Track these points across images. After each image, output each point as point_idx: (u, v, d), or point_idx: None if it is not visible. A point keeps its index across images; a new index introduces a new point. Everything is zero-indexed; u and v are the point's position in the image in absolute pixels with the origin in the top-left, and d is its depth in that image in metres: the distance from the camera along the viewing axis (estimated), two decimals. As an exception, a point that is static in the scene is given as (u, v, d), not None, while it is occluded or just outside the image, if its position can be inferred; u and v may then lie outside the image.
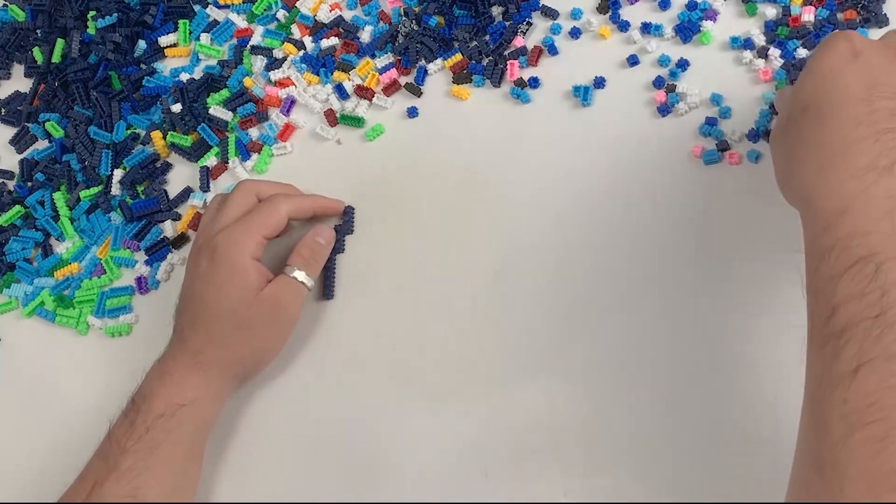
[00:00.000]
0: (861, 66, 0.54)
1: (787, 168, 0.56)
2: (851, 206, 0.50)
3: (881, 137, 0.51)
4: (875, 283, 0.48)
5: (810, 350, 0.51)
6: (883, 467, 0.45)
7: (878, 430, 0.45)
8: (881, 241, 0.49)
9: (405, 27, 0.81)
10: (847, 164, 0.51)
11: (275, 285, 0.70)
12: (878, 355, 0.47)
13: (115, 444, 0.66)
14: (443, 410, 0.69)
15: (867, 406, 0.46)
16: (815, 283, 0.51)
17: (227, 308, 0.69)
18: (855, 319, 0.48)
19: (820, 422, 0.48)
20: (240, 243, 0.70)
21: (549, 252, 0.71)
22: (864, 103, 0.53)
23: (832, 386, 0.47)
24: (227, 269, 0.69)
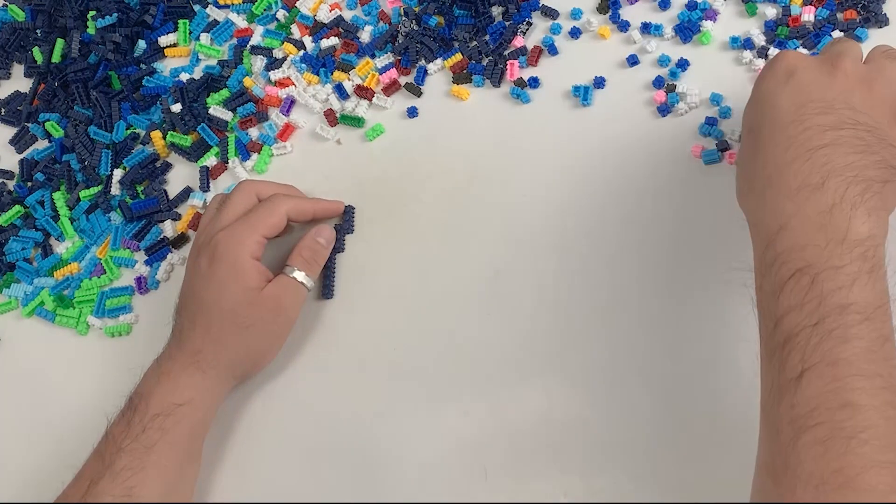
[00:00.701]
0: (794, 85, 0.56)
1: (741, 188, 0.58)
2: (788, 224, 0.52)
3: (812, 156, 0.53)
4: (812, 293, 0.50)
5: (762, 362, 0.52)
6: (828, 467, 0.46)
7: (822, 432, 0.47)
8: (816, 253, 0.50)
9: (405, 27, 0.81)
10: (782, 185, 0.53)
11: (275, 285, 0.70)
12: (820, 361, 0.48)
13: (111, 444, 0.66)
14: (443, 410, 0.69)
15: (811, 410, 0.48)
16: (761, 297, 0.53)
17: (228, 307, 0.69)
18: (796, 329, 0.50)
19: (772, 428, 0.50)
20: (240, 242, 0.70)
21: (549, 251, 0.71)
22: (795, 124, 0.54)
23: (780, 393, 0.49)
24: (228, 268, 0.69)
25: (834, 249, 0.50)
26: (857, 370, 0.48)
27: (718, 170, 0.70)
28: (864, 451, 0.46)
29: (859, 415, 0.47)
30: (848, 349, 0.48)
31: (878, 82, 0.57)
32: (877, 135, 0.54)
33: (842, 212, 0.51)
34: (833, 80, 0.56)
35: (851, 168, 0.52)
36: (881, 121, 0.55)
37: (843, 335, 0.49)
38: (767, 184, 0.54)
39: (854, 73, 0.57)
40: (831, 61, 0.57)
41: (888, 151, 0.54)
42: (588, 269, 0.70)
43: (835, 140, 0.53)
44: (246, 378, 0.72)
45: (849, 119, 0.54)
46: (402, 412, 0.70)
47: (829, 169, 0.52)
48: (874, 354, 0.49)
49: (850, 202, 0.51)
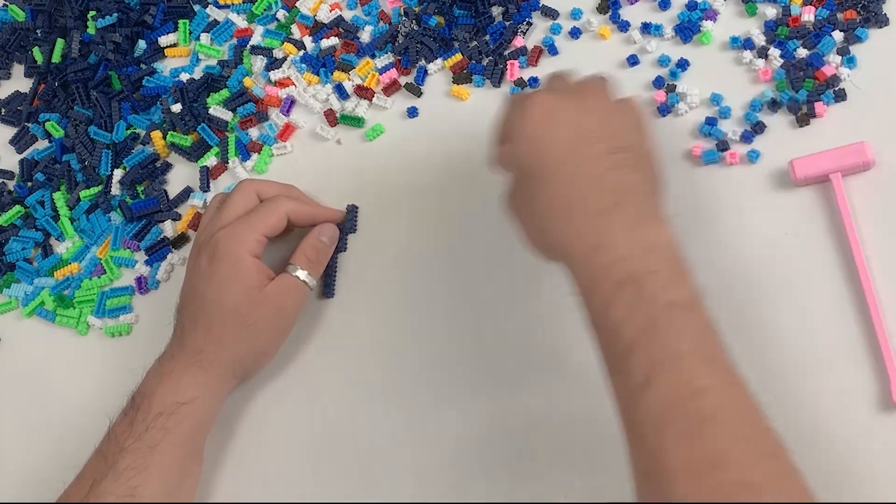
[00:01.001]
0: (559, 125, 0.59)
1: (535, 229, 0.60)
2: (600, 243, 0.55)
3: (600, 182, 0.57)
4: (640, 299, 0.53)
5: (609, 378, 0.55)
6: (696, 453, 0.49)
7: (683, 424, 0.50)
8: (634, 263, 0.54)
9: (405, 27, 0.81)
10: (582, 212, 0.56)
11: (277, 284, 0.70)
12: (663, 358, 0.51)
13: (113, 443, 0.66)
14: (443, 410, 0.69)
15: (667, 406, 0.50)
16: (592, 316, 0.55)
17: (229, 306, 0.69)
18: (634, 335, 0.52)
19: (635, 434, 0.52)
20: (240, 241, 0.70)
21: (549, 252, 0.71)
22: (573, 157, 0.58)
23: (635, 398, 0.52)
24: (228, 266, 0.69)
25: (648, 257, 0.54)
26: (697, 359, 0.52)
27: (718, 170, 0.70)
28: (723, 430, 0.50)
29: (710, 398, 0.50)
30: (684, 342, 0.52)
31: (617, 106, 0.62)
32: (637, 154, 0.60)
33: (643, 224, 0.56)
34: (589, 109, 0.61)
35: (634, 186, 0.57)
36: (635, 140, 0.61)
37: (677, 329, 0.52)
38: (568, 214, 0.57)
39: (598, 100, 0.62)
40: (580, 94, 0.62)
41: (649, 168, 0.60)
42: (588, 269, 0.70)
43: (613, 165, 0.58)
44: (247, 377, 0.72)
45: (615, 145, 0.59)
46: (403, 412, 0.70)
47: (619, 190, 0.57)
48: (706, 341, 0.53)
49: (647, 214, 0.56)
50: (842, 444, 0.61)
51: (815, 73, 0.70)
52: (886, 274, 0.64)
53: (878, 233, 0.65)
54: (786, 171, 0.68)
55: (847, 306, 0.64)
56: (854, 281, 0.64)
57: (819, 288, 0.65)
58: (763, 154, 0.69)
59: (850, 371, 0.62)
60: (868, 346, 0.63)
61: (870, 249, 0.65)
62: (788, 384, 0.63)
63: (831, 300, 0.64)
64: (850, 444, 0.61)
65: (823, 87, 0.70)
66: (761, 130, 0.70)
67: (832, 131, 0.69)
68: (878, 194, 0.66)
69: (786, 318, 0.65)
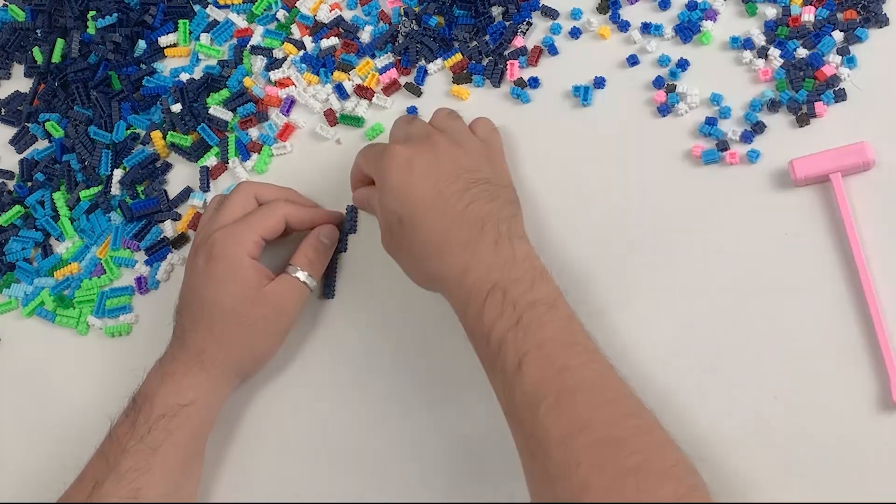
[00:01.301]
0: (418, 171, 0.66)
1: (414, 266, 0.67)
2: (469, 265, 0.62)
3: (463, 216, 0.64)
4: (506, 301, 0.60)
5: (489, 378, 0.61)
6: (567, 422, 0.56)
7: (552, 399, 0.56)
8: (498, 273, 0.62)
9: (405, 27, 0.81)
10: (452, 245, 0.63)
11: (277, 284, 0.70)
12: (530, 347, 0.58)
13: (115, 444, 0.66)
14: (443, 409, 0.69)
15: (537, 386, 0.57)
16: (468, 327, 0.63)
17: (229, 306, 0.69)
18: (503, 333, 0.59)
19: (516, 422, 0.58)
20: (237, 241, 0.70)
21: (549, 251, 0.71)
22: (437, 199, 0.65)
23: (511, 388, 0.58)
24: (225, 266, 0.69)
25: (510, 267, 0.62)
26: (560, 343, 0.59)
27: (718, 170, 0.70)
28: (586, 398, 0.57)
29: (575, 373, 0.58)
30: (547, 331, 0.59)
31: (462, 140, 0.69)
32: (491, 182, 0.67)
33: (504, 242, 0.63)
34: (440, 154, 0.67)
35: (492, 213, 0.64)
36: (484, 169, 0.68)
37: (540, 322, 0.59)
38: (439, 250, 0.64)
39: (446, 142, 0.68)
40: (429, 142, 0.68)
41: (504, 192, 0.67)
42: (587, 269, 0.70)
43: (472, 199, 0.65)
44: (248, 377, 0.72)
45: (470, 179, 0.66)
46: (403, 411, 0.70)
47: (480, 219, 0.64)
48: (567, 329, 0.60)
49: (506, 235, 0.63)
50: (842, 444, 0.61)
51: (815, 73, 0.70)
52: (886, 274, 0.64)
53: (878, 233, 0.65)
54: (786, 171, 0.68)
55: (847, 306, 0.64)
56: (854, 281, 0.64)
57: (819, 288, 0.65)
58: (763, 154, 0.69)
59: (850, 371, 0.62)
60: (868, 346, 0.63)
61: (870, 249, 0.65)
62: (788, 384, 0.63)
63: (831, 300, 0.64)
64: (850, 444, 0.61)
65: (823, 87, 0.70)
66: (761, 130, 0.70)
67: (832, 131, 0.69)
68: (878, 194, 0.66)
69: (786, 318, 0.65)
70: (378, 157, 0.68)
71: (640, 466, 0.54)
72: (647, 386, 0.65)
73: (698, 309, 0.67)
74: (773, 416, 0.63)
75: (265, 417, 0.73)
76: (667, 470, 0.54)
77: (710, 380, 0.65)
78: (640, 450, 0.55)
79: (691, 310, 0.67)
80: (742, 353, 0.65)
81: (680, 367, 0.66)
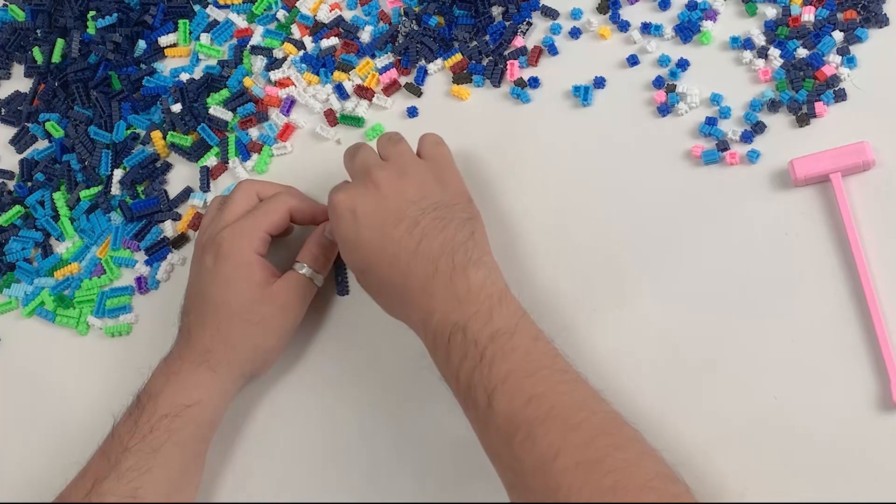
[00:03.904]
0: (364, 218, 0.65)
1: (391, 310, 0.67)
2: (430, 308, 0.62)
3: (416, 257, 0.63)
4: (468, 340, 0.60)
5: (466, 416, 0.61)
6: (541, 451, 0.56)
7: (524, 431, 0.56)
8: (457, 313, 0.61)
9: (405, 27, 0.81)
10: (413, 290, 0.63)
11: (284, 282, 0.70)
12: (497, 383, 0.58)
13: (117, 443, 0.66)
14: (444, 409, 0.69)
15: (508, 420, 0.57)
16: (439, 367, 0.63)
17: (236, 304, 0.69)
18: (470, 373, 0.59)
19: (496, 457, 0.59)
20: (244, 238, 0.70)
21: (549, 251, 0.71)
22: (389, 244, 0.64)
23: (485, 425, 0.59)
24: (233, 264, 0.69)
25: (467, 303, 0.61)
26: (524, 372, 0.58)
27: (718, 170, 0.70)
28: (557, 425, 0.56)
29: (542, 402, 0.57)
30: (509, 362, 0.59)
31: (406, 167, 0.67)
32: (441, 206, 0.65)
33: (457, 276, 0.62)
34: (382, 194, 0.66)
35: (445, 244, 0.63)
36: (433, 193, 0.66)
37: (502, 354, 0.59)
38: (400, 297, 0.64)
39: (386, 177, 0.66)
40: (368, 181, 0.66)
41: (457, 211, 0.66)
42: (586, 268, 0.70)
43: (422, 234, 0.64)
44: (254, 376, 0.72)
45: (417, 212, 0.65)
46: (405, 411, 0.70)
47: (433, 255, 0.63)
48: (531, 355, 0.60)
49: (460, 266, 0.62)
50: (842, 444, 0.61)
51: (815, 73, 0.70)
52: (886, 274, 0.64)
53: (878, 233, 0.65)
54: (786, 171, 0.68)
55: (847, 306, 0.64)
56: (854, 281, 0.64)
57: (819, 288, 0.65)
58: (763, 154, 0.69)
59: (850, 371, 0.62)
60: (868, 346, 0.63)
61: (870, 249, 0.65)
62: (788, 384, 0.63)
63: (831, 300, 0.64)
64: (850, 444, 0.61)
65: (823, 87, 0.70)
66: (761, 130, 0.70)
67: (832, 131, 0.69)
68: (878, 194, 0.66)
69: (786, 318, 0.65)
70: (328, 208, 0.68)
71: (617, 484, 0.54)
72: (646, 386, 0.65)
73: (698, 309, 0.67)
74: (773, 416, 0.63)
75: (266, 417, 0.73)
76: (645, 484, 0.54)
77: (710, 380, 0.65)
78: (615, 468, 0.55)
79: (691, 310, 0.67)
80: (742, 353, 0.65)
81: (680, 367, 0.66)
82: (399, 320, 0.67)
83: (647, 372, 0.66)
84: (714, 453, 0.62)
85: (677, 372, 0.65)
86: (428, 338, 0.63)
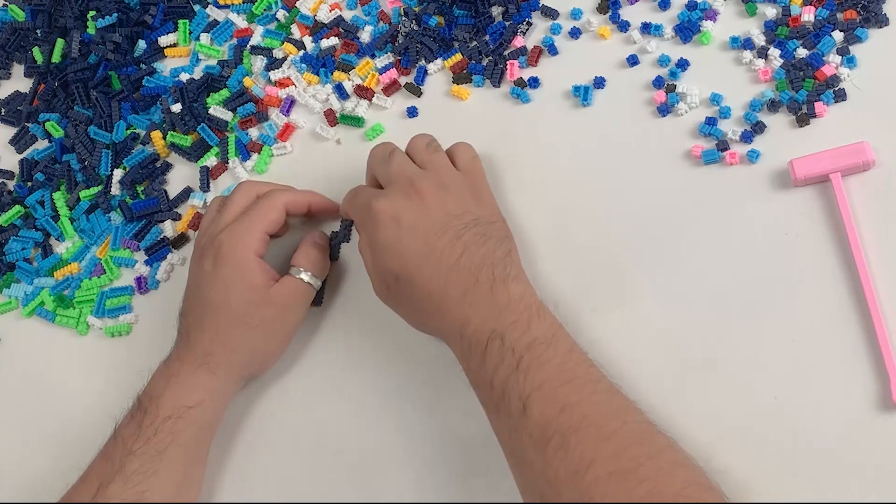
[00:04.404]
0: (407, 227, 0.65)
1: (415, 319, 0.68)
2: (467, 316, 0.63)
3: (458, 268, 0.64)
4: (505, 347, 0.61)
5: (494, 425, 0.62)
6: (574, 460, 0.56)
7: (558, 439, 0.57)
8: (495, 321, 0.62)
9: (405, 27, 0.81)
10: (450, 299, 0.64)
11: (282, 286, 0.70)
12: (532, 390, 0.59)
13: (120, 446, 0.66)
14: (443, 410, 0.69)
15: (543, 428, 0.57)
16: (472, 375, 0.63)
17: (235, 307, 0.69)
18: (505, 379, 0.60)
19: (524, 465, 0.59)
20: (243, 241, 0.70)
21: (548, 251, 0.71)
22: (430, 254, 0.64)
23: (517, 431, 0.59)
24: (233, 267, 0.69)
25: (507, 312, 0.62)
26: (559, 381, 0.59)
27: (718, 170, 0.70)
28: (591, 434, 0.57)
29: (576, 410, 0.58)
30: (545, 371, 0.59)
31: (446, 180, 0.68)
32: (481, 223, 0.66)
33: (498, 288, 0.63)
34: (426, 204, 0.66)
35: (486, 258, 0.64)
36: (472, 209, 0.67)
37: (539, 362, 0.60)
38: (437, 306, 0.64)
39: (430, 188, 0.67)
40: (412, 190, 0.66)
41: (495, 229, 0.66)
42: (586, 269, 0.70)
43: (464, 247, 0.64)
44: (253, 378, 0.72)
45: (459, 226, 0.65)
46: (404, 411, 0.70)
47: (475, 268, 0.64)
48: (566, 365, 0.60)
49: (500, 279, 0.63)
50: (842, 444, 0.61)
51: (815, 73, 0.70)
52: (886, 274, 0.64)
53: (878, 233, 0.65)
54: (786, 171, 0.68)
55: (847, 306, 0.64)
56: (854, 281, 0.64)
57: (819, 288, 0.65)
58: (763, 154, 0.69)
59: (850, 371, 0.62)
60: (868, 346, 0.63)
61: (870, 249, 0.65)
62: (788, 384, 0.63)
63: (831, 300, 0.64)
64: (850, 444, 0.61)
65: (823, 87, 0.70)
66: (761, 130, 0.70)
67: (832, 131, 0.69)
68: (878, 194, 0.66)
69: (786, 318, 0.65)
70: (363, 213, 0.68)
71: (650, 493, 0.54)
72: (646, 386, 0.65)
73: (698, 309, 0.67)
74: (773, 416, 0.63)
75: (267, 418, 0.73)
76: (678, 493, 0.54)
77: (710, 380, 0.65)
78: (648, 477, 0.55)
79: (691, 310, 0.67)
80: (742, 352, 0.65)
81: (680, 367, 0.66)
82: (420, 330, 0.68)
83: (646, 372, 0.66)
84: (713, 453, 0.62)
85: (677, 372, 0.65)
86: (463, 345, 0.63)
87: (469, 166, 0.70)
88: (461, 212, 0.66)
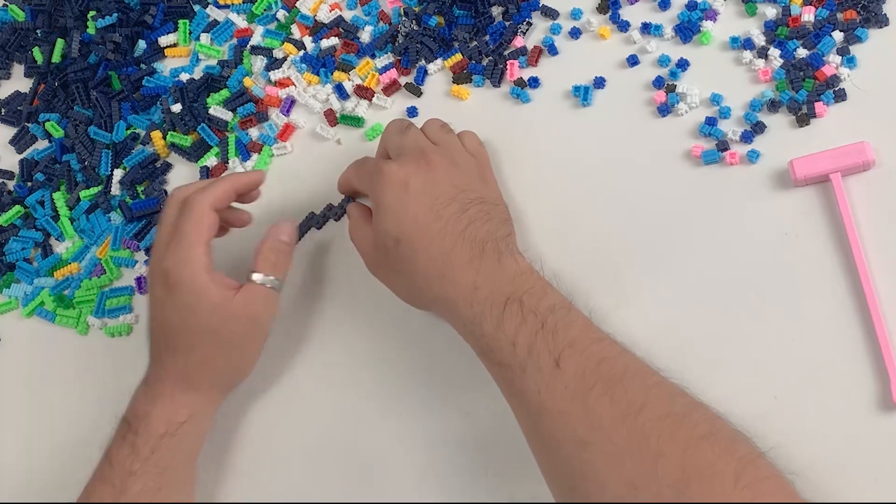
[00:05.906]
0: (414, 192, 0.66)
1: (409, 287, 0.67)
2: (476, 283, 0.63)
3: (463, 237, 0.64)
4: (525, 310, 0.61)
5: (515, 387, 0.60)
6: (621, 404, 0.56)
7: (600, 387, 0.57)
8: (509, 287, 0.62)
9: (405, 27, 0.81)
10: (455, 265, 0.64)
11: (244, 296, 0.68)
12: (564, 346, 0.59)
13: (118, 469, 0.65)
14: (443, 409, 0.69)
15: (581, 377, 0.58)
16: (484, 342, 0.62)
17: (201, 329, 0.67)
18: (531, 338, 0.60)
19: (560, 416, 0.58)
20: (185, 262, 0.66)
21: (549, 251, 0.71)
22: (435, 221, 0.65)
23: (552, 385, 0.58)
24: (187, 293, 0.66)
25: (519, 281, 0.63)
26: (589, 339, 0.60)
27: (718, 170, 0.70)
28: (634, 383, 0.57)
29: (615, 363, 0.58)
30: (574, 329, 0.60)
31: (457, 157, 0.69)
32: (485, 202, 0.67)
33: (506, 260, 0.64)
34: (435, 175, 0.67)
35: (490, 233, 0.65)
36: (478, 188, 0.68)
37: (564, 323, 0.60)
38: (441, 272, 0.64)
39: (441, 161, 0.67)
40: (423, 161, 0.67)
41: (498, 211, 0.67)
42: (587, 269, 0.70)
43: (469, 220, 0.65)
44: (235, 386, 0.72)
45: (466, 200, 0.66)
46: (403, 411, 0.70)
47: (480, 240, 0.64)
48: (590, 327, 0.61)
49: (507, 252, 0.64)
50: (842, 444, 0.61)
51: (815, 73, 0.70)
52: (886, 274, 0.64)
53: (878, 233, 0.65)
54: (786, 171, 0.68)
55: (847, 306, 0.64)
56: (854, 281, 0.64)
57: (819, 288, 0.65)
58: (763, 154, 0.69)
59: (850, 371, 0.62)
60: (868, 346, 0.63)
61: (870, 249, 0.65)
62: (788, 384, 0.63)
63: (831, 300, 0.64)
64: (850, 444, 0.61)
65: (823, 87, 0.70)
66: (761, 130, 0.70)
67: (832, 131, 0.69)
68: (878, 194, 0.66)
69: (786, 318, 0.65)
70: (372, 176, 0.68)
71: (710, 432, 0.55)
72: (647, 386, 0.65)
73: (698, 309, 0.67)
74: (773, 416, 0.63)
75: (264, 419, 0.73)
76: (735, 435, 0.56)
77: (710, 380, 0.65)
78: (704, 420, 0.56)
79: (691, 310, 0.67)
80: (742, 352, 0.65)
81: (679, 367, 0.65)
82: (412, 303, 0.68)
83: (647, 372, 0.66)
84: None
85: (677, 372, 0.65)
86: (472, 309, 0.62)
87: (477, 150, 0.72)
88: (468, 188, 0.67)
